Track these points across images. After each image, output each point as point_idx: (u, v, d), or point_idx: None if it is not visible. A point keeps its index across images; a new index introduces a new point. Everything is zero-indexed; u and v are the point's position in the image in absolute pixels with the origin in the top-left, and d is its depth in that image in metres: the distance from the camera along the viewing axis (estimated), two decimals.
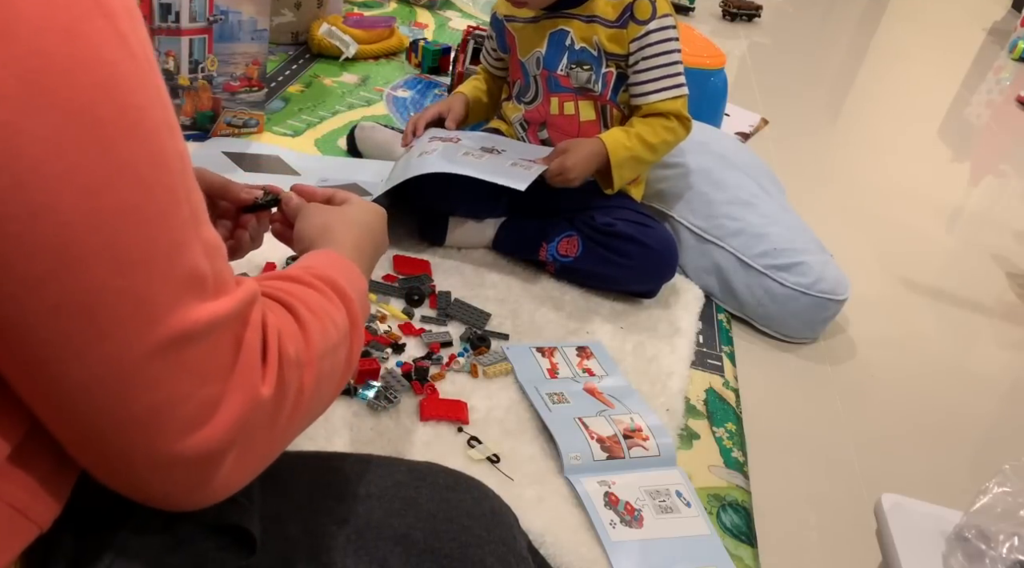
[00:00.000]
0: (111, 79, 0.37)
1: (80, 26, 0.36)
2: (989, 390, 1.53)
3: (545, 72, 1.39)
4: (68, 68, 0.36)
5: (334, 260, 0.62)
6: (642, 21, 1.31)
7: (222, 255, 0.44)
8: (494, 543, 0.60)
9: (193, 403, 0.41)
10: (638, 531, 0.97)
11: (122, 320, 0.39)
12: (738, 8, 3.50)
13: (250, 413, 0.44)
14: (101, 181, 0.37)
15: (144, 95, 0.39)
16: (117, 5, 0.38)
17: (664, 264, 1.37)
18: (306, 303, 0.52)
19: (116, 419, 0.40)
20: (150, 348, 0.39)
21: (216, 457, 0.43)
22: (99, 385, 0.39)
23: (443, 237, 1.41)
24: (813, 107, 2.89)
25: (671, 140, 1.37)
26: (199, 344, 0.41)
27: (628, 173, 1.37)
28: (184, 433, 0.41)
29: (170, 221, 0.40)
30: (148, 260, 0.39)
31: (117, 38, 0.38)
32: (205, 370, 0.42)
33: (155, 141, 0.39)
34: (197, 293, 0.41)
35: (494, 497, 0.66)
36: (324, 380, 0.51)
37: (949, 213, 2.28)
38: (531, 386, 1.14)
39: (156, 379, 0.40)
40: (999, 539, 0.76)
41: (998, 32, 4.60)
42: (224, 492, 0.45)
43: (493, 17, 1.47)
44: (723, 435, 1.18)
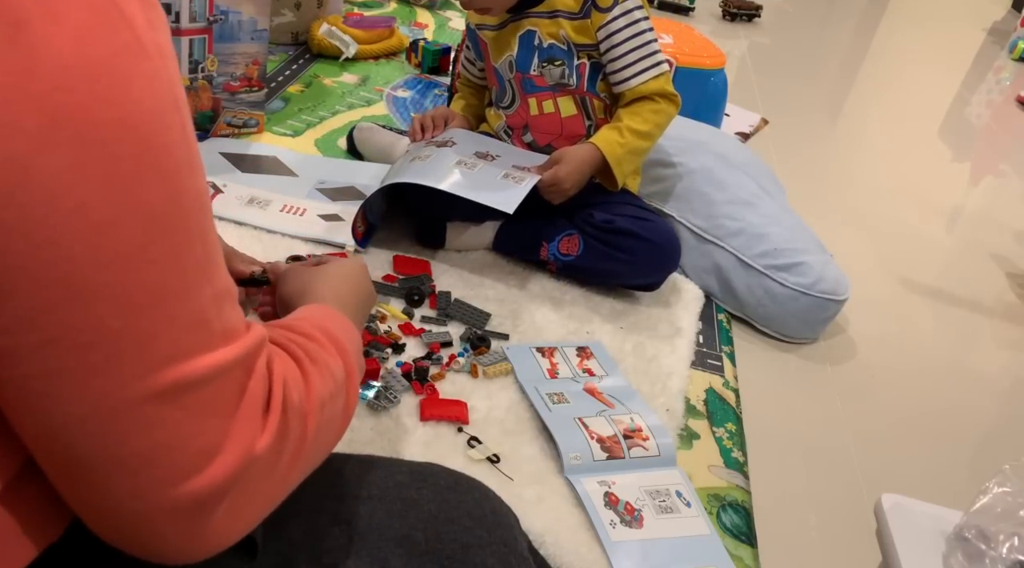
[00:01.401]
0: (134, 117, 0.37)
1: (109, 62, 0.36)
2: (989, 390, 1.53)
3: (519, 75, 1.39)
4: (91, 105, 0.35)
5: (326, 312, 0.62)
6: (604, 8, 1.30)
7: (232, 300, 0.43)
8: (495, 544, 0.60)
9: (188, 450, 0.40)
10: (638, 531, 0.97)
11: (119, 360, 0.38)
12: (738, 8, 3.50)
13: (246, 463, 0.43)
14: (112, 219, 0.36)
15: (168, 134, 0.39)
16: (148, 42, 0.38)
17: (666, 257, 1.37)
18: (307, 351, 0.52)
19: (105, 460, 0.39)
20: (145, 392, 0.39)
21: (207, 507, 0.42)
22: (89, 423, 0.38)
23: (442, 242, 1.41)
24: (813, 107, 2.89)
25: (662, 121, 1.36)
26: (198, 391, 0.40)
27: (628, 167, 1.37)
28: (175, 481, 0.40)
29: (181, 264, 0.39)
30: (152, 303, 0.38)
31: (146, 75, 0.37)
32: (203, 417, 0.41)
33: (174, 181, 0.39)
34: (201, 339, 0.40)
35: (495, 498, 0.66)
36: (324, 429, 0.51)
37: (949, 213, 2.28)
38: (531, 386, 1.14)
39: (149, 423, 0.39)
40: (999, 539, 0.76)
41: (998, 32, 4.60)
42: (218, 543, 0.44)
43: (467, 27, 1.48)
44: (723, 435, 1.18)
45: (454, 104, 1.57)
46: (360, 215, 1.33)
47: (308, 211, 1.43)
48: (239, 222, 1.36)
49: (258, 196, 1.44)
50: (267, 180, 1.51)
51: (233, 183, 1.47)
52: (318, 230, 1.38)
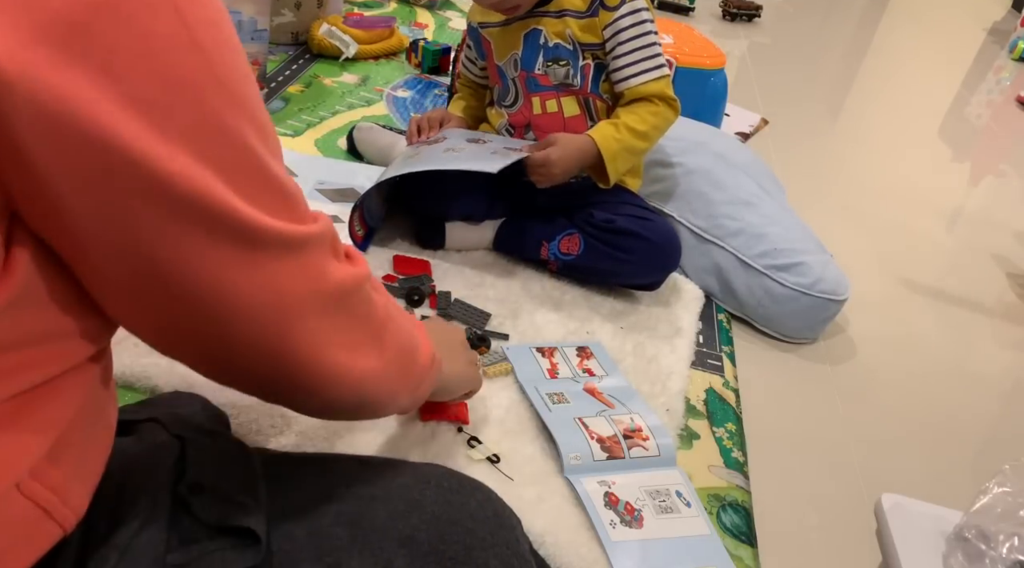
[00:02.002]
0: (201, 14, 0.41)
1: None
2: (989, 390, 1.53)
3: (523, 73, 1.39)
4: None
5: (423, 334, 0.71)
6: (612, 7, 1.30)
7: (299, 189, 0.49)
8: (498, 546, 0.60)
9: (320, 254, 0.49)
10: (638, 531, 0.97)
11: (265, 190, 0.44)
12: (738, 8, 3.50)
13: (357, 285, 0.52)
14: (226, 42, 0.42)
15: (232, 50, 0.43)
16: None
17: (666, 256, 1.37)
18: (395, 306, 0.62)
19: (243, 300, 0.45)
20: (280, 244, 0.45)
21: (346, 295, 0.51)
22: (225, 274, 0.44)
23: (442, 242, 1.41)
24: (813, 107, 2.89)
25: (660, 124, 1.35)
26: (307, 249, 0.47)
27: (622, 165, 1.35)
28: (324, 268, 0.49)
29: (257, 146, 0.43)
30: (264, 139, 0.44)
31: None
32: (315, 268, 0.48)
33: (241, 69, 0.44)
34: (294, 206, 0.46)
35: (497, 500, 0.66)
36: (396, 335, 0.60)
37: (949, 213, 2.28)
38: (531, 386, 1.14)
39: (279, 270, 0.46)
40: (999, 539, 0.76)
41: (998, 32, 4.60)
42: (337, 371, 0.52)
43: (469, 26, 1.47)
44: (723, 435, 1.18)
45: (453, 105, 1.56)
46: (358, 218, 1.33)
47: None
48: None
49: None
50: None
51: None
52: None
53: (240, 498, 0.51)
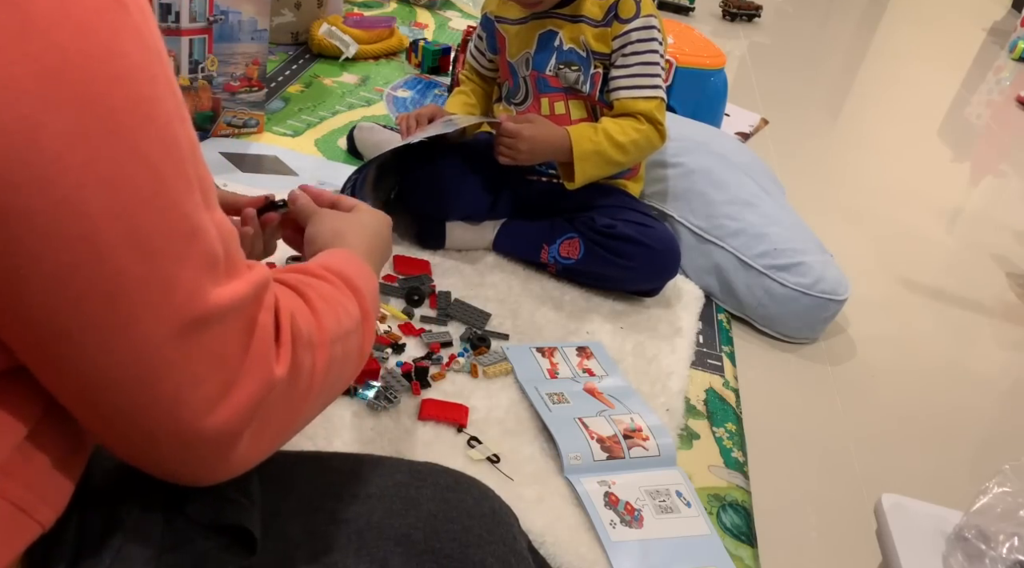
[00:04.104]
0: (124, 71, 0.38)
1: (95, 19, 0.37)
2: (989, 390, 1.53)
3: (534, 73, 1.39)
4: (83, 62, 0.36)
5: (348, 257, 0.64)
6: (625, 19, 1.30)
7: (234, 238, 0.45)
8: (495, 543, 0.60)
9: (212, 384, 0.42)
10: (638, 531, 0.97)
11: (144, 306, 0.40)
12: (738, 8, 3.50)
13: (265, 392, 0.45)
14: (119, 171, 0.38)
15: (156, 86, 0.40)
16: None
17: (666, 264, 1.36)
18: (317, 291, 0.53)
19: (138, 402, 0.41)
20: (171, 332, 0.40)
21: (235, 435, 0.44)
22: (122, 370, 0.40)
23: (442, 242, 1.40)
24: (813, 107, 2.89)
25: (641, 142, 1.33)
26: (216, 326, 0.42)
27: (592, 169, 1.33)
28: (204, 413, 0.42)
29: (185, 206, 0.41)
30: (167, 246, 0.40)
31: (130, 30, 0.38)
32: (222, 351, 0.43)
33: (168, 130, 0.40)
34: (212, 276, 0.42)
35: (494, 497, 0.66)
36: (337, 364, 0.52)
37: (949, 213, 2.28)
38: (531, 386, 1.14)
39: (177, 362, 0.41)
40: (999, 539, 0.76)
41: (998, 32, 4.60)
42: (241, 467, 0.47)
43: (484, 17, 1.47)
44: (723, 435, 1.18)
45: (450, 102, 1.56)
46: None
47: None
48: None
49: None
50: (267, 180, 1.51)
51: (233, 183, 1.47)
52: None
53: (234, 497, 0.51)
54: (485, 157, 1.39)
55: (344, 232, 0.72)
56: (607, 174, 1.38)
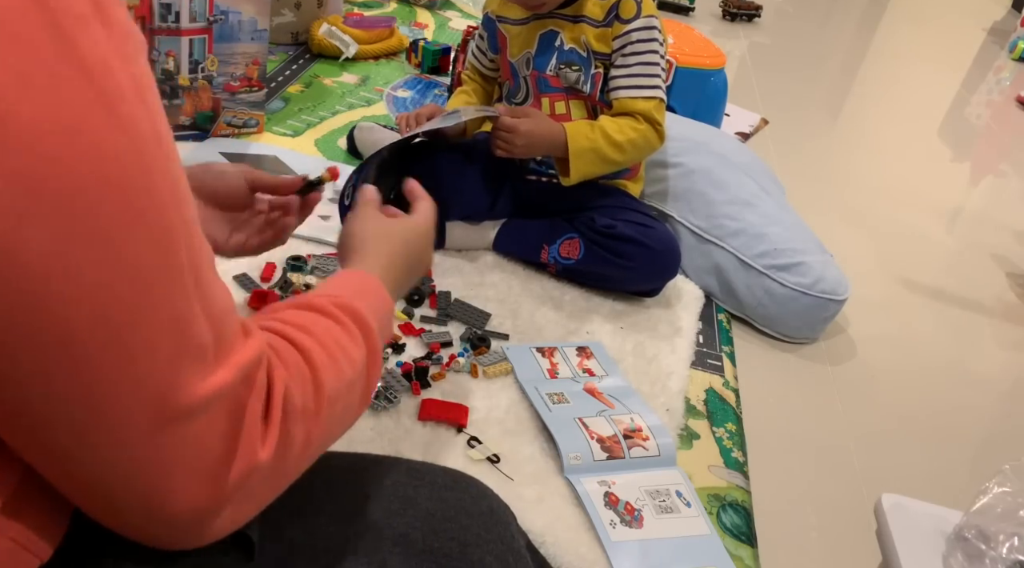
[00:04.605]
0: (113, 173, 0.36)
1: (81, 124, 0.34)
2: (989, 390, 1.53)
3: (535, 73, 1.39)
4: (69, 172, 0.34)
5: (362, 283, 0.63)
6: (626, 20, 1.30)
7: (228, 313, 0.43)
8: (493, 542, 0.60)
9: (191, 473, 0.42)
10: (638, 531, 0.97)
11: (125, 407, 0.39)
12: (738, 8, 3.50)
13: (247, 476, 0.44)
14: (104, 280, 0.36)
15: (149, 176, 0.37)
16: (118, 83, 0.36)
17: (666, 264, 1.36)
18: (323, 343, 0.51)
19: (116, 487, 0.41)
20: (152, 428, 0.39)
21: (213, 513, 0.44)
22: (100, 463, 0.40)
23: (442, 242, 1.40)
24: (813, 107, 2.89)
25: (639, 141, 1.32)
26: (201, 417, 0.41)
27: (587, 166, 1.32)
28: (181, 499, 0.42)
29: (172, 303, 0.39)
30: (152, 347, 0.38)
31: (120, 123, 0.36)
32: (204, 442, 0.42)
33: (160, 223, 0.38)
34: (199, 366, 0.40)
35: (492, 496, 0.66)
36: (336, 421, 0.52)
37: (949, 213, 2.28)
38: (531, 386, 1.14)
39: (156, 456, 0.40)
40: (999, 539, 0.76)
41: (998, 32, 4.60)
42: (223, 534, 0.46)
43: (485, 16, 1.46)
44: (723, 435, 1.18)
45: (453, 100, 1.56)
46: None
47: None
48: None
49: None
50: None
51: None
52: (318, 230, 1.38)
53: None
54: (485, 157, 1.39)
55: (371, 240, 0.71)
56: (604, 172, 1.37)
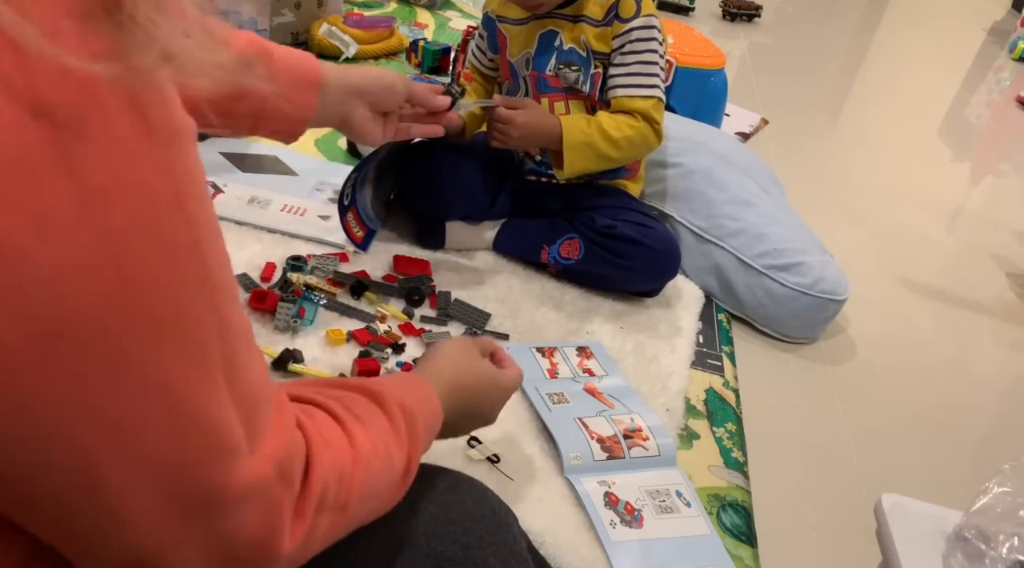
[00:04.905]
0: (140, 303, 0.33)
1: (102, 263, 0.32)
2: (989, 390, 1.53)
3: (534, 73, 1.38)
4: (88, 312, 0.32)
5: (427, 400, 0.63)
6: (625, 19, 1.30)
7: (262, 395, 0.41)
8: (495, 544, 0.60)
9: (219, 559, 0.41)
10: (638, 531, 0.97)
11: (149, 515, 0.37)
12: (738, 8, 3.50)
13: (269, 564, 0.43)
14: (129, 403, 0.34)
15: (179, 294, 0.35)
16: (157, 195, 0.33)
17: (666, 264, 1.36)
18: (374, 443, 0.51)
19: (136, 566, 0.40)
20: (177, 528, 0.38)
21: None
22: (119, 552, 0.39)
23: (442, 242, 1.40)
24: (813, 107, 2.89)
25: (635, 139, 1.32)
26: (233, 514, 0.40)
27: (581, 161, 1.32)
28: None
29: (204, 411, 0.37)
30: (178, 461, 0.37)
31: (147, 253, 0.33)
32: (236, 534, 0.41)
33: (192, 338, 0.36)
34: (232, 462, 0.39)
35: (493, 497, 0.66)
36: (359, 519, 0.52)
37: (949, 213, 2.28)
38: (531, 386, 1.14)
39: (178, 551, 0.39)
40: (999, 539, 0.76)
41: (998, 32, 4.60)
42: None
43: (485, 16, 1.46)
44: (723, 435, 1.18)
45: None
46: (355, 219, 1.33)
47: (308, 211, 1.43)
48: (239, 221, 1.36)
49: (258, 196, 1.44)
50: (267, 180, 1.51)
51: (234, 183, 1.47)
52: (318, 230, 1.38)
53: None
54: (485, 157, 1.39)
55: (459, 370, 0.72)
56: (599, 168, 1.37)
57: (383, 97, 1.03)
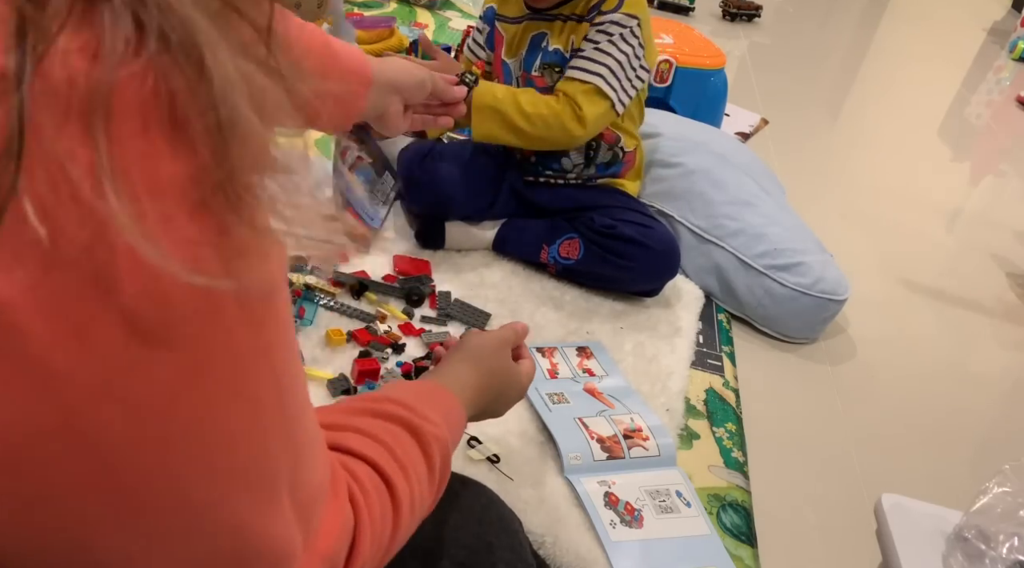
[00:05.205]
0: (225, 461, 0.32)
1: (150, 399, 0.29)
2: (989, 390, 1.53)
3: (524, 74, 1.39)
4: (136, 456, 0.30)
5: (458, 421, 0.62)
6: (604, 12, 1.28)
7: (316, 502, 0.40)
8: (503, 550, 0.60)
9: None
10: (638, 531, 0.97)
11: None
12: (738, 8, 3.50)
13: None
14: (197, 556, 0.33)
15: (266, 443, 0.34)
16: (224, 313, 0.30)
17: (666, 265, 1.36)
18: (412, 492, 0.50)
19: None
20: None
21: None
22: None
23: (442, 242, 1.40)
24: (813, 107, 2.89)
25: (550, 120, 1.27)
26: None
27: (489, 124, 1.28)
28: None
29: (268, 532, 0.36)
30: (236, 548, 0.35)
31: (246, 406, 0.32)
32: None
33: (268, 478, 0.35)
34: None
35: (500, 503, 0.66)
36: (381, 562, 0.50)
37: (949, 213, 2.28)
38: (531, 386, 1.14)
39: None
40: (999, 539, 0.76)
41: (998, 32, 4.60)
42: None
43: (488, 10, 1.44)
44: (723, 435, 1.18)
45: None
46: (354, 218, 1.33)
47: None
48: None
49: None
50: None
51: None
52: None
53: None
54: (484, 157, 1.39)
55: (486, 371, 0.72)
56: (511, 141, 1.32)
57: (415, 91, 1.06)
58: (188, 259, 0.27)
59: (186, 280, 0.27)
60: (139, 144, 0.26)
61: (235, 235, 0.28)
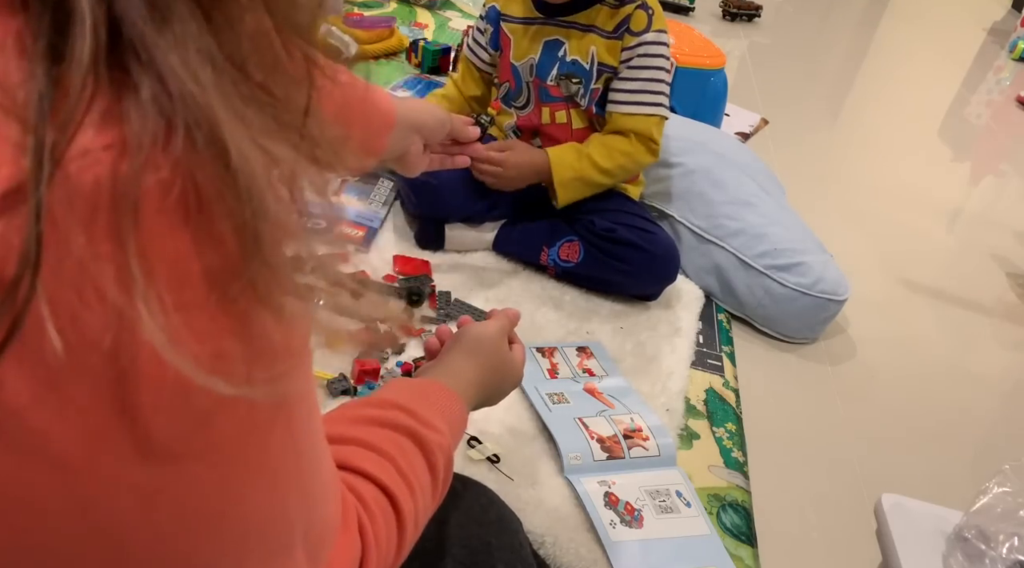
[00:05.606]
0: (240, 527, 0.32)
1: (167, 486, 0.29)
2: (989, 390, 1.53)
3: (537, 81, 1.38)
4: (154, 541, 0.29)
5: (460, 421, 0.62)
6: (636, 32, 1.29)
7: (327, 540, 0.39)
8: (503, 550, 0.60)
9: None
10: (638, 531, 0.97)
11: None
12: (738, 8, 3.50)
13: None
14: None
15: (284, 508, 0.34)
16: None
17: (665, 269, 1.36)
18: (416, 508, 0.49)
19: None
20: None
21: None
22: None
23: (441, 244, 1.40)
24: (813, 107, 2.89)
25: (628, 165, 1.34)
26: None
27: (574, 193, 1.35)
28: None
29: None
30: None
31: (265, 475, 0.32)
32: None
33: (283, 538, 0.35)
34: None
35: (500, 503, 0.66)
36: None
37: (949, 213, 2.28)
38: (531, 386, 1.14)
39: None
40: (999, 539, 0.76)
41: (998, 32, 4.60)
42: None
43: (491, 9, 1.43)
44: (723, 435, 1.18)
45: (431, 94, 1.54)
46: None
47: None
48: None
49: None
50: None
51: None
52: None
53: None
54: None
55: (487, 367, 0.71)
56: (595, 192, 1.38)
57: (436, 132, 1.04)
58: (212, 363, 0.26)
59: (211, 388, 0.26)
60: (168, 243, 0.25)
61: (260, 326, 0.28)
